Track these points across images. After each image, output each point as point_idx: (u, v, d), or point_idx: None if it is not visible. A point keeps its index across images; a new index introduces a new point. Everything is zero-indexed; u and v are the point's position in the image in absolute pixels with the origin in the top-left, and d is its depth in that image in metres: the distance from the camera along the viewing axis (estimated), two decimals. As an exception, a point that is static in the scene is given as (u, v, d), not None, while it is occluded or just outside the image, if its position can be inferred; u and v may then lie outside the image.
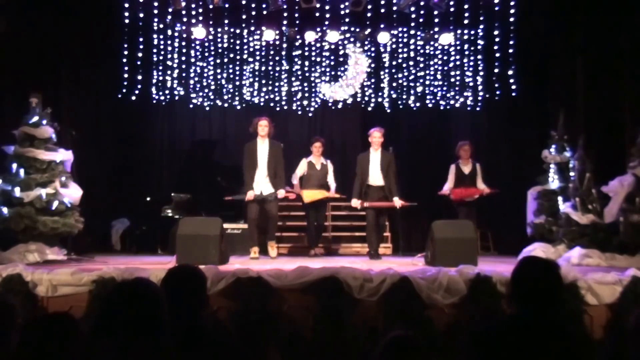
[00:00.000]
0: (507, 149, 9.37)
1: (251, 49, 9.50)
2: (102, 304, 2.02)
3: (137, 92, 9.09)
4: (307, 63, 9.58)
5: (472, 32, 9.32)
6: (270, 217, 7.36)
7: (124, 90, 8.98)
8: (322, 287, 4.60)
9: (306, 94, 9.69)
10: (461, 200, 7.78)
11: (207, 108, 9.71)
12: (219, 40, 9.42)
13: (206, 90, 9.60)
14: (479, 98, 9.49)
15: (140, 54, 9.00)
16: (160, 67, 9.32)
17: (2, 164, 6.76)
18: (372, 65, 9.67)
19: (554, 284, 2.36)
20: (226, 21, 9.04)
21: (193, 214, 7.67)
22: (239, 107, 9.69)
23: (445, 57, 9.54)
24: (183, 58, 9.37)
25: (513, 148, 9.30)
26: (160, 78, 9.35)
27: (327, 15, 8.75)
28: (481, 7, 8.68)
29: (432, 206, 8.97)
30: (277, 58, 9.57)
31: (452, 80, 9.57)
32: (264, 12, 8.69)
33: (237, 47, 9.49)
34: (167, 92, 9.41)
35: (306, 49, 9.51)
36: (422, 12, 8.70)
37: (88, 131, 8.18)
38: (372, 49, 9.61)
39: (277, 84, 9.64)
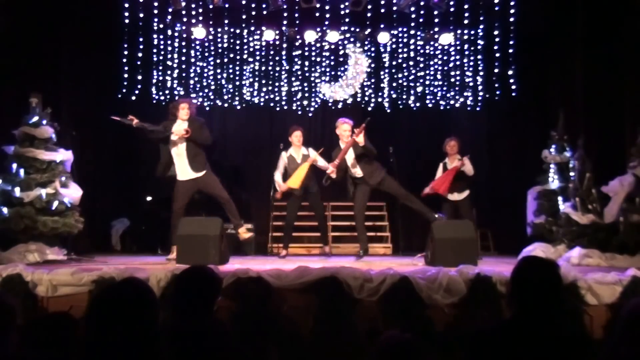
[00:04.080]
0: (507, 149, 9.36)
1: (251, 49, 9.50)
2: (90, 305, 1.98)
3: (137, 92, 9.10)
4: (307, 63, 9.58)
5: (472, 32, 9.33)
6: (222, 201, 6.65)
7: (124, 90, 8.98)
8: (322, 287, 4.60)
9: (306, 94, 9.69)
10: (446, 190, 7.48)
11: (207, 108, 9.70)
12: (219, 40, 9.43)
13: (206, 90, 9.60)
14: (479, 98, 9.49)
15: (140, 54, 9.01)
16: (160, 67, 9.33)
17: (2, 164, 6.77)
18: (372, 65, 9.66)
19: (554, 284, 2.35)
20: (226, 21, 9.06)
21: (193, 214, 7.67)
22: (239, 107, 9.68)
23: (445, 57, 9.54)
24: (183, 58, 9.37)
25: (513, 148, 9.29)
26: (160, 78, 9.35)
27: (327, 15, 8.76)
28: (481, 7, 8.70)
29: (431, 206, 8.97)
30: (277, 58, 9.57)
31: (452, 80, 9.57)
32: (264, 12, 8.71)
33: (237, 47, 9.49)
34: (167, 92, 9.41)
35: (306, 49, 9.51)
36: (422, 12, 8.73)
37: (88, 131, 8.17)
38: (372, 49, 9.61)
39: (277, 84, 9.64)
